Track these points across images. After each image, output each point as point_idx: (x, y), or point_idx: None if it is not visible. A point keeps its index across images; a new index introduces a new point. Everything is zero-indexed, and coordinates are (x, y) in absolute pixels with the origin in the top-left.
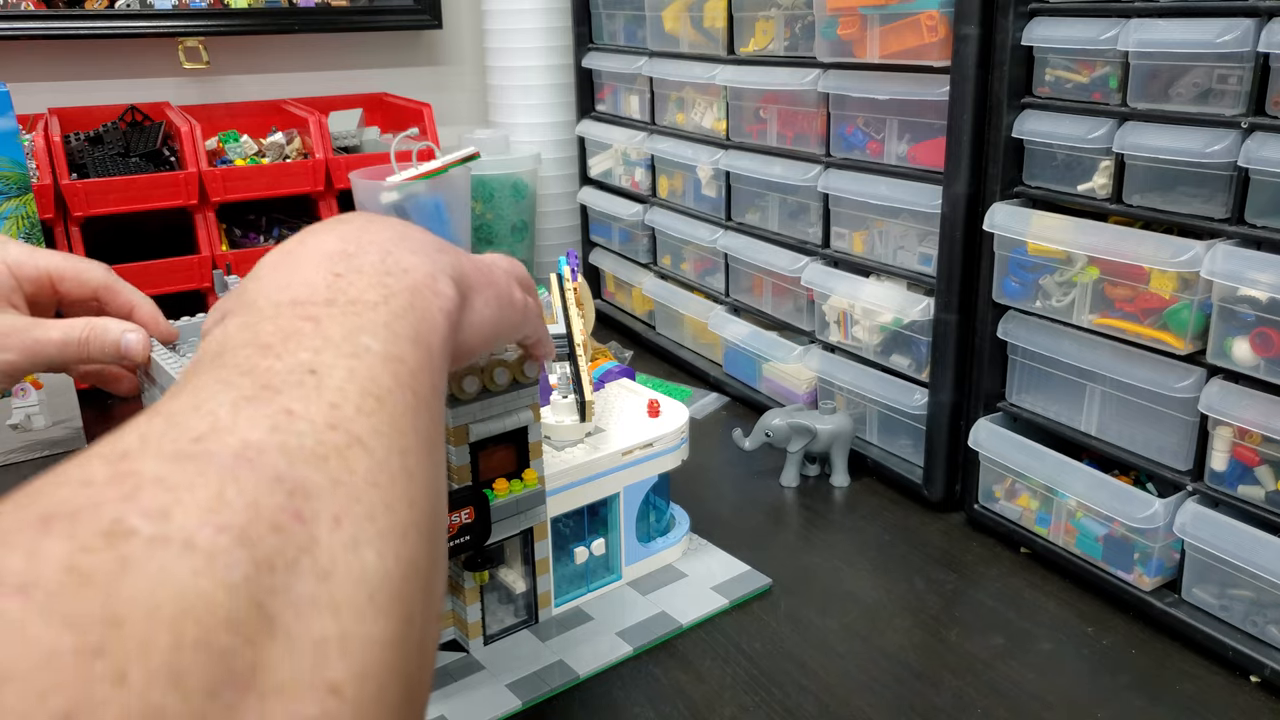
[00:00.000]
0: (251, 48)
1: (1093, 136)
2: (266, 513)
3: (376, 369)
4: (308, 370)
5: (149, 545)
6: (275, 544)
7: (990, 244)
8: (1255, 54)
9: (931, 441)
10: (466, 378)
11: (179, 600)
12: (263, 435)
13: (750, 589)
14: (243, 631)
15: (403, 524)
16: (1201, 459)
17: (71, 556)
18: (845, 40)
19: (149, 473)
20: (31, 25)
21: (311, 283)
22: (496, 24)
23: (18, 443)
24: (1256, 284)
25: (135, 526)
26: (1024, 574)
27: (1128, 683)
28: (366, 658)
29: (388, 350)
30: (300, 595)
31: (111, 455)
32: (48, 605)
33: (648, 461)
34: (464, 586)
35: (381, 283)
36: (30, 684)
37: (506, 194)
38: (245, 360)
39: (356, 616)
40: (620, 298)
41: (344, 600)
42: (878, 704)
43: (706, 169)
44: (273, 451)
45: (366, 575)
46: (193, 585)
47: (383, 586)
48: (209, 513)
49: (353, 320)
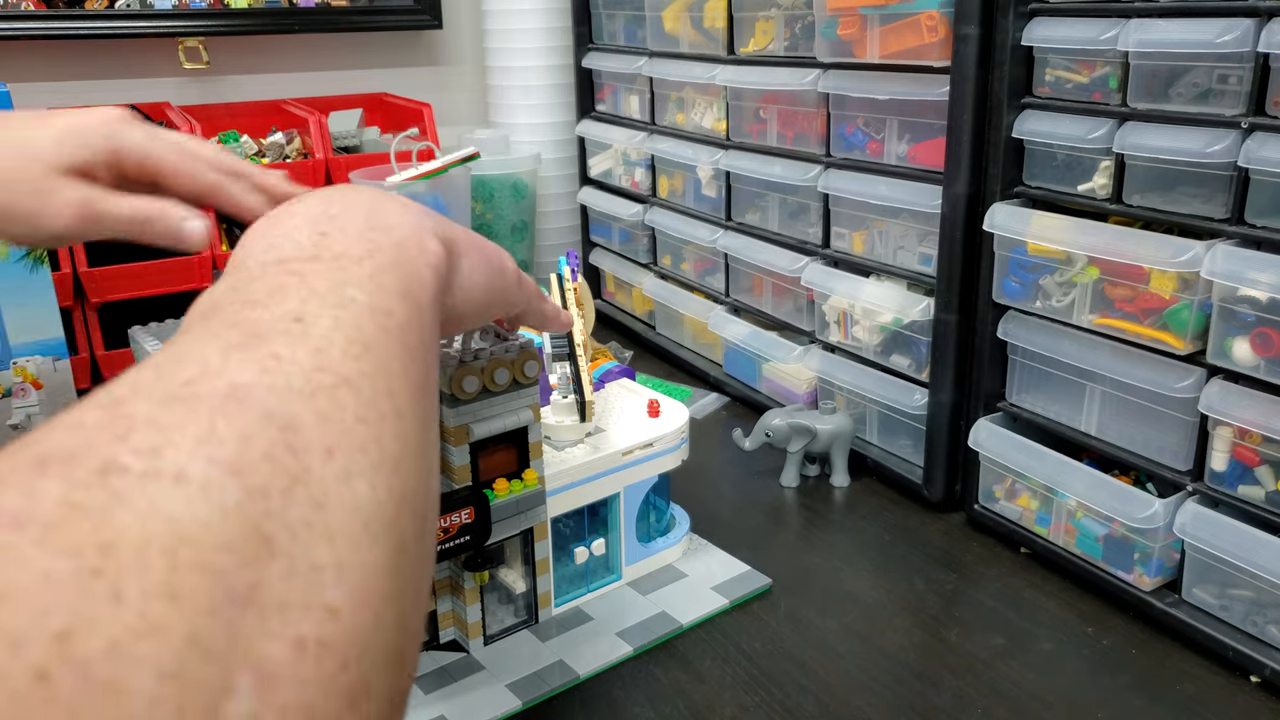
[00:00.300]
0: (251, 48)
1: (1093, 136)
2: (258, 445)
3: (362, 318)
4: (294, 319)
5: (141, 479)
6: (268, 473)
7: (990, 244)
8: (1255, 54)
9: (931, 441)
10: (466, 377)
11: (172, 526)
12: (251, 377)
13: (750, 589)
14: (239, 553)
15: (394, 458)
16: (1201, 459)
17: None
18: (845, 40)
19: (140, 415)
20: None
21: (297, 241)
22: (496, 24)
23: None
24: (1256, 284)
25: (128, 464)
26: (1024, 574)
27: (1128, 683)
28: (362, 584)
29: (373, 302)
30: (296, 520)
31: (104, 401)
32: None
33: (648, 462)
34: (464, 587)
35: (366, 238)
36: (29, 602)
37: (506, 194)
38: (233, 314)
39: (352, 544)
40: (620, 298)
41: (339, 528)
42: (878, 704)
43: (706, 169)
44: (261, 390)
45: (360, 505)
46: (186, 512)
47: (376, 516)
48: (200, 446)
49: (337, 274)
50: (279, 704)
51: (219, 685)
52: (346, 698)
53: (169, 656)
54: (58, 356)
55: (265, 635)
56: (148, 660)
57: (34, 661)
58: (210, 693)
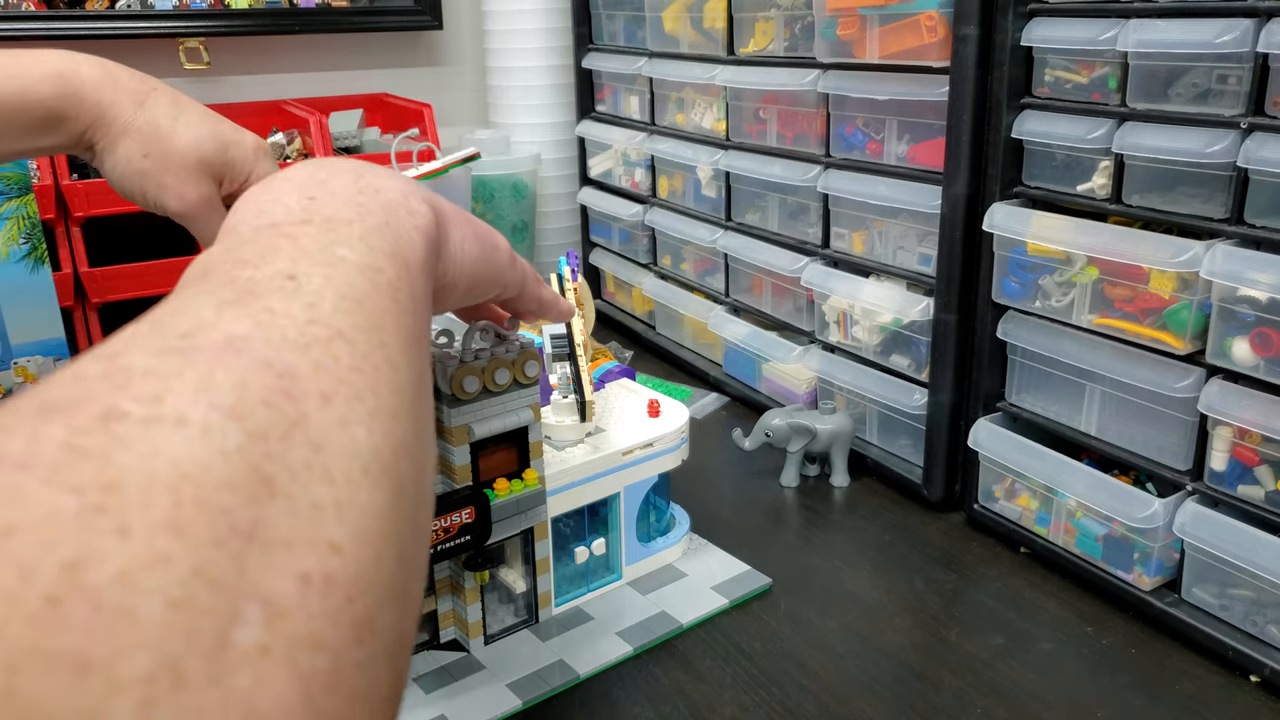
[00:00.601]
0: (252, 48)
1: (1092, 137)
2: (256, 392)
3: (353, 275)
4: (287, 276)
5: (143, 424)
6: (267, 417)
7: (990, 244)
8: (1255, 54)
9: (931, 441)
10: (467, 378)
11: (175, 466)
12: (247, 329)
13: (750, 589)
14: (241, 491)
15: (390, 408)
16: (1201, 459)
17: (69, 438)
18: (845, 41)
19: (139, 366)
20: (32, 26)
21: (287, 206)
22: (496, 24)
23: None
24: (1256, 284)
25: (128, 410)
26: (1024, 574)
27: (1127, 682)
28: (363, 523)
29: (363, 260)
30: (295, 462)
31: (102, 354)
32: (48, 476)
33: (648, 461)
34: (464, 586)
35: (355, 202)
36: (37, 535)
37: (506, 194)
38: (226, 274)
39: (351, 485)
40: (620, 298)
41: (338, 470)
42: (878, 704)
43: (706, 169)
44: (258, 341)
45: (358, 450)
46: (187, 453)
47: (374, 460)
48: (199, 393)
49: (328, 235)
50: (287, 634)
51: (228, 614)
52: (353, 631)
53: (177, 586)
54: (58, 356)
55: (270, 569)
56: (157, 589)
57: (44, 588)
58: (219, 620)
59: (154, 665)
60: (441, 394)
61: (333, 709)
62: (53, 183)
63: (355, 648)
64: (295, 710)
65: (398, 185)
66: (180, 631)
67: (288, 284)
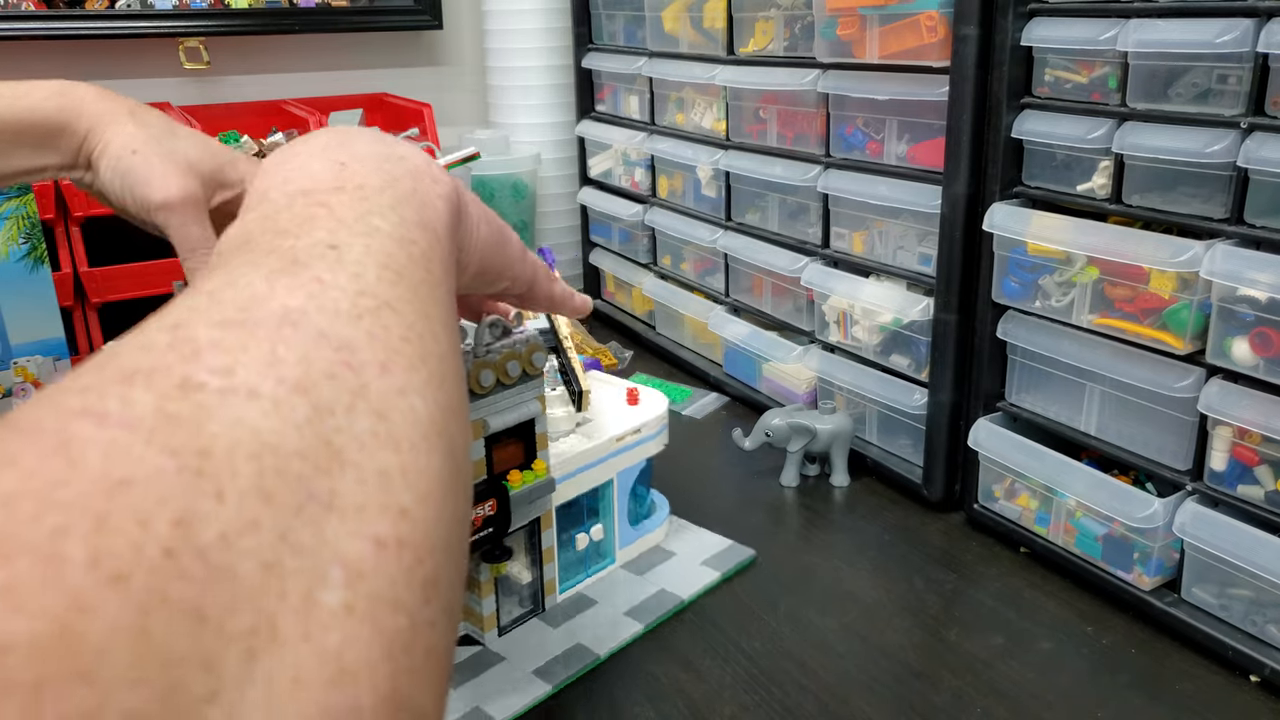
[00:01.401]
0: (252, 48)
1: (1092, 137)
2: (318, 364)
3: (390, 246)
4: (328, 245)
5: (220, 394)
6: (331, 390)
7: (990, 244)
8: (1254, 54)
9: (931, 441)
10: (483, 371)
11: (255, 436)
12: (301, 301)
13: (737, 560)
14: (315, 462)
15: (438, 374)
16: (1201, 459)
17: (159, 403)
18: (845, 40)
19: (204, 338)
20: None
21: (317, 173)
22: (496, 24)
23: None
24: (1256, 284)
25: (204, 381)
26: (1023, 574)
27: (1127, 682)
28: (425, 486)
29: (396, 231)
30: (361, 432)
31: (165, 325)
32: (150, 437)
33: (636, 447)
34: (479, 580)
35: (382, 169)
36: (150, 490)
37: (506, 194)
38: (268, 243)
39: (414, 451)
40: (620, 298)
41: (401, 437)
42: (877, 703)
43: (706, 169)
44: (313, 313)
45: (418, 417)
46: (264, 424)
47: (431, 426)
48: (268, 368)
49: (361, 204)
50: (368, 594)
51: (314, 575)
52: (422, 590)
53: (269, 549)
54: (58, 356)
55: (348, 535)
56: (252, 552)
57: (162, 541)
58: (307, 581)
59: (255, 620)
60: None
61: (409, 664)
62: (52, 182)
63: (425, 606)
64: (379, 665)
65: (419, 152)
66: (274, 592)
67: (330, 253)
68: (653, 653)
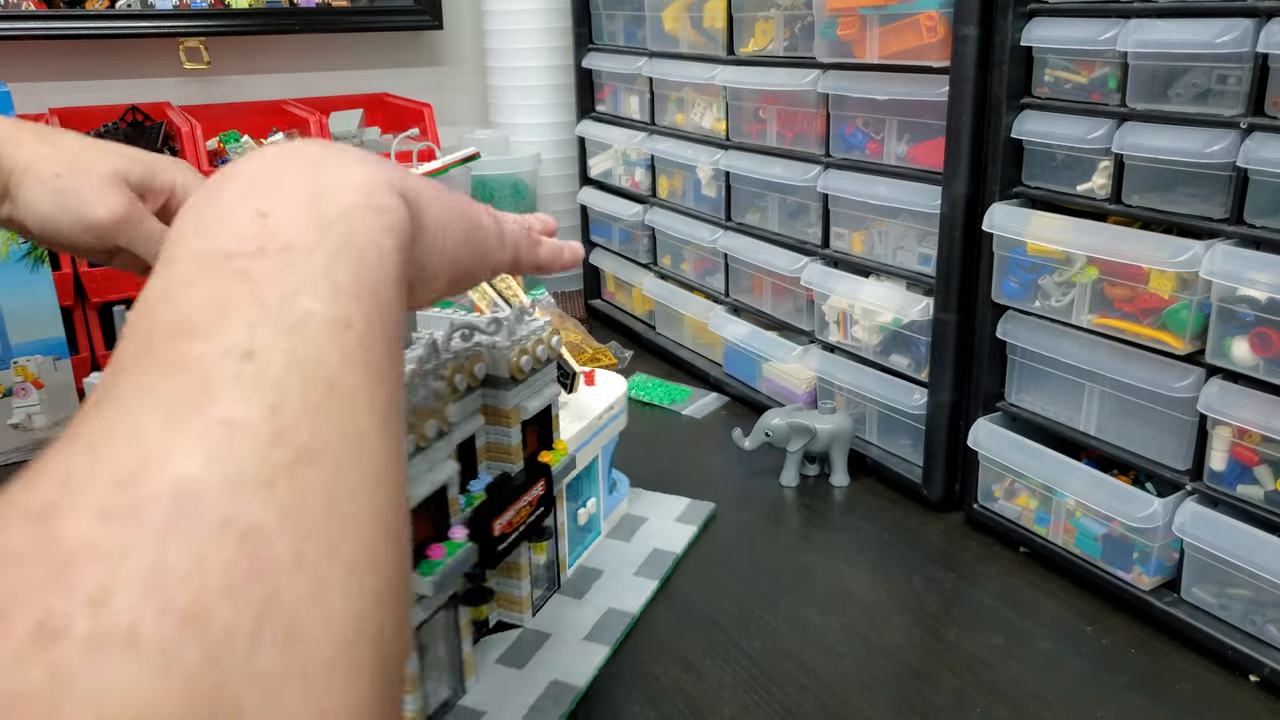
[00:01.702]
0: (252, 48)
1: (1092, 137)
2: (216, 574)
3: (321, 343)
4: (243, 354)
5: (87, 650)
6: (230, 614)
7: (989, 244)
8: (1254, 54)
9: (931, 441)
10: (522, 358)
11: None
12: (200, 467)
13: (705, 514)
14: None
15: (368, 548)
16: (1200, 458)
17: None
18: (845, 41)
19: (75, 539)
20: (32, 25)
21: (236, 227)
22: (496, 24)
23: (18, 442)
24: (1255, 284)
25: (69, 620)
26: (1023, 573)
27: (1127, 682)
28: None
29: (330, 312)
30: (265, 672)
31: (33, 511)
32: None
33: (611, 424)
34: (518, 563)
35: (314, 213)
36: None
37: (506, 194)
38: (172, 351)
39: (330, 684)
40: (620, 298)
41: (316, 667)
42: (877, 703)
43: (706, 169)
44: (214, 490)
45: (335, 625)
46: (139, 691)
47: (358, 634)
48: (150, 590)
49: (288, 277)
50: None
51: None
52: None
53: None
54: (58, 356)
55: None
56: None
57: None
58: None
59: None
60: (500, 380)
61: None
62: None
63: None
64: None
65: (361, 176)
66: None
67: (245, 370)
68: (653, 652)
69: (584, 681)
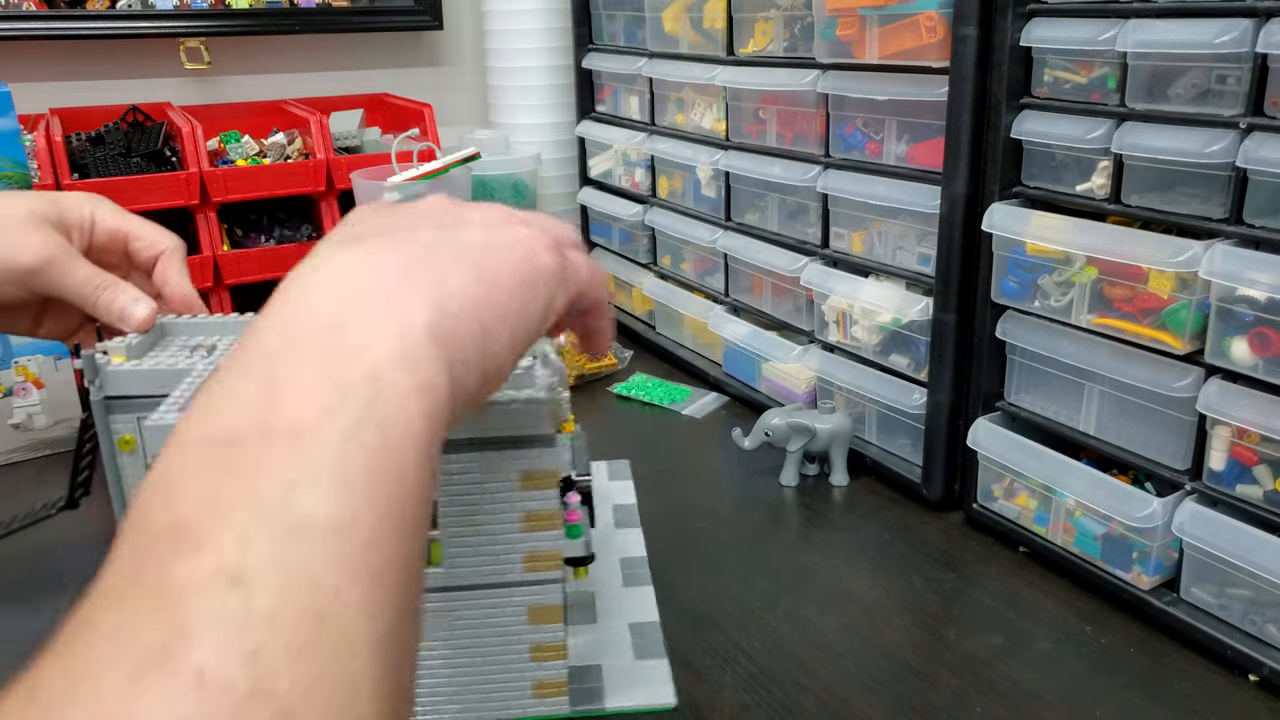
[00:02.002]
0: (253, 48)
1: (1091, 137)
2: None
3: (316, 565)
4: (231, 581)
5: None
6: None
7: (989, 244)
8: (1254, 54)
9: (930, 441)
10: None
11: None
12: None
13: (627, 474)
14: None
15: None
16: (1200, 458)
17: None
18: (844, 41)
19: None
20: (33, 25)
21: (244, 402)
22: (497, 24)
23: (18, 442)
24: (1255, 284)
25: None
26: (1022, 573)
27: (1126, 681)
28: None
29: (334, 513)
30: None
31: None
32: None
33: None
34: None
35: (333, 379)
36: None
37: (507, 194)
38: (157, 567)
39: None
40: (620, 298)
41: None
42: (877, 703)
43: (706, 169)
44: None
45: None
46: None
47: None
48: None
49: (291, 467)
50: None
51: None
52: None
53: None
54: (59, 356)
55: None
56: None
57: None
58: None
59: None
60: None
61: None
62: (54, 183)
63: None
64: None
65: (390, 326)
66: None
67: (231, 602)
68: None
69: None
